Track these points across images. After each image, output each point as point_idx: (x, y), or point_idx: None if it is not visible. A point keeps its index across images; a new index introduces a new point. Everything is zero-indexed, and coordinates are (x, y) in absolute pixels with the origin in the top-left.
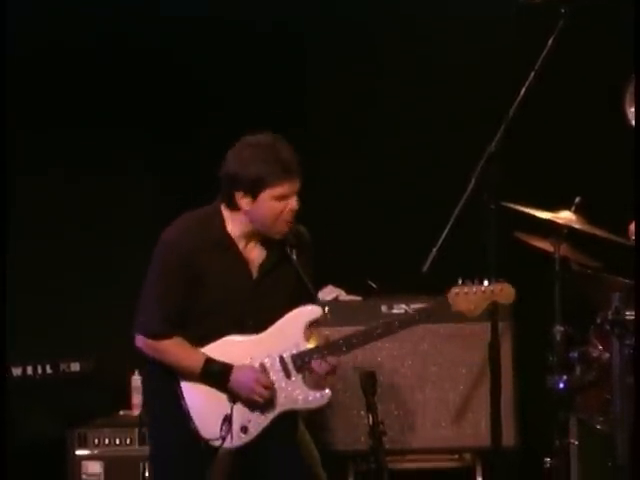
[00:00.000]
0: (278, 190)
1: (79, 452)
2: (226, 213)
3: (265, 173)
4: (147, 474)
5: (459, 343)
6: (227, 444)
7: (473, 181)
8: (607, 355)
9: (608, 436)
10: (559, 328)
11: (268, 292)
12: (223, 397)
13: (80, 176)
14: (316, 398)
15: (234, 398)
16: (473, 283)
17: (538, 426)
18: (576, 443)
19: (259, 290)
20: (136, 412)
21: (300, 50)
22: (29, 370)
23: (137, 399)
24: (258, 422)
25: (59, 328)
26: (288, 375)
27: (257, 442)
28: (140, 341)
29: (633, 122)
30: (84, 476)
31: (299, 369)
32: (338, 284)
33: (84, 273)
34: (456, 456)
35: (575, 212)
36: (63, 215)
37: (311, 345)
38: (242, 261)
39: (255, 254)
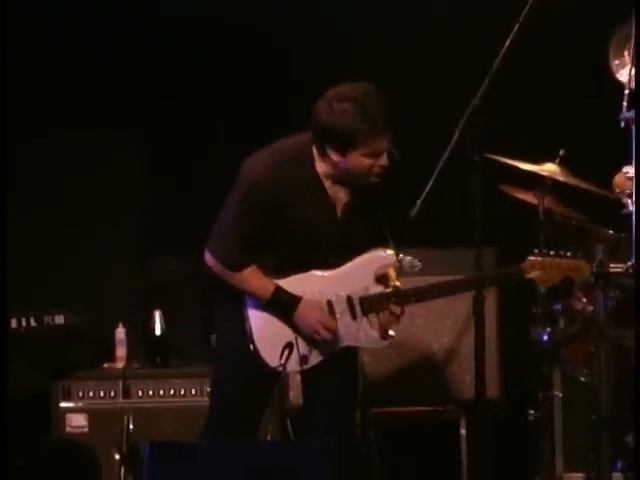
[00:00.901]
0: (367, 149)
1: (63, 405)
2: (316, 152)
3: (353, 132)
4: (131, 426)
5: None
6: (283, 367)
7: (457, 133)
8: (591, 307)
9: (592, 388)
10: None
11: (351, 232)
12: (288, 326)
13: (79, 132)
14: (378, 340)
15: (299, 328)
16: (549, 254)
17: (522, 378)
18: (560, 395)
19: (343, 229)
20: (120, 365)
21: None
22: (13, 323)
23: (121, 352)
24: (318, 354)
25: (44, 281)
26: (354, 316)
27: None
28: (212, 263)
29: (617, 75)
30: (68, 428)
31: (365, 312)
32: None
33: (69, 226)
34: (440, 408)
35: (559, 164)
36: (57, 170)
37: (381, 290)
38: (328, 199)
39: (341, 194)
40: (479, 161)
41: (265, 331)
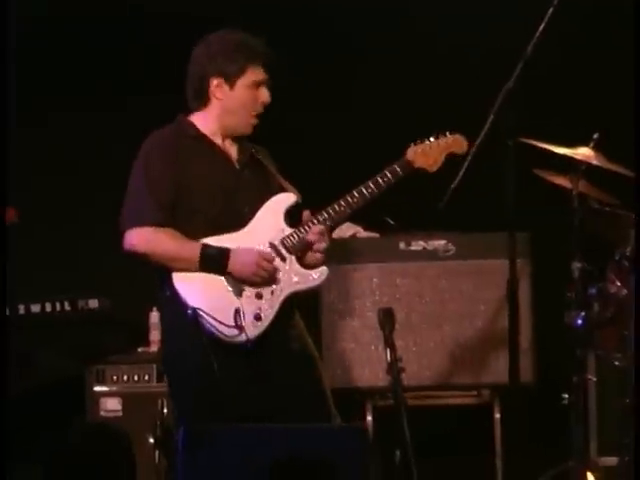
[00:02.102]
0: (252, 76)
1: (97, 388)
2: (192, 118)
3: (241, 58)
4: (165, 410)
5: (477, 280)
6: (246, 336)
7: (491, 118)
8: (625, 291)
9: (626, 372)
10: (577, 264)
11: (252, 183)
12: (228, 291)
13: (94, 111)
14: (314, 277)
15: (238, 289)
16: (423, 141)
17: (556, 362)
18: (594, 379)
19: (244, 180)
20: (154, 348)
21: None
22: (48, 307)
23: (155, 336)
24: (268, 307)
25: (78, 265)
26: (283, 258)
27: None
28: (134, 236)
29: None
30: (102, 412)
31: (290, 251)
32: (356, 221)
33: (103, 210)
34: (474, 393)
35: (593, 148)
36: (81, 151)
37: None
38: (222, 154)
39: (231, 150)
40: (513, 145)
41: (211, 309)
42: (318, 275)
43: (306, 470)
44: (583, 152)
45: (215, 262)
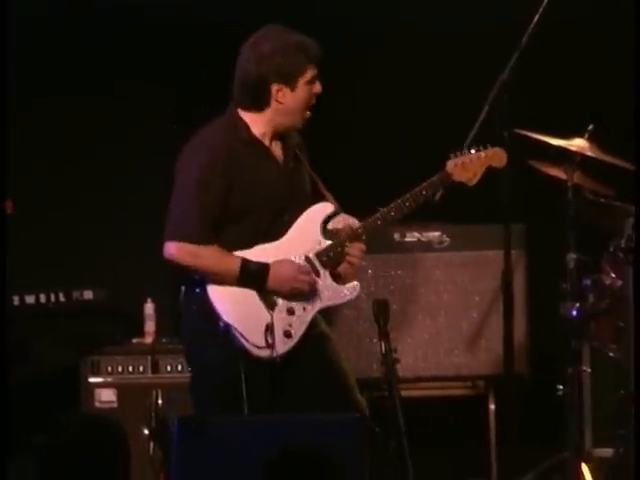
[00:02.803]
0: (310, 74)
1: (92, 379)
2: (246, 117)
3: (296, 59)
4: (160, 401)
5: (472, 271)
6: (275, 352)
7: (486, 109)
8: (620, 282)
9: (621, 363)
10: (572, 256)
11: (296, 189)
12: (260, 307)
13: (93, 101)
14: (346, 293)
15: (271, 303)
16: (463, 153)
17: (551, 354)
18: (589, 371)
19: (290, 186)
20: (149, 340)
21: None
22: (42, 298)
23: (150, 327)
24: (299, 324)
25: (72, 256)
26: (317, 273)
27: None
28: (174, 248)
29: None
30: (97, 403)
31: (325, 265)
32: (350, 212)
33: (98, 201)
34: (469, 383)
35: (588, 139)
36: (78, 141)
37: (333, 240)
38: (271, 157)
39: (277, 151)
40: (507, 136)
41: (242, 322)
42: (350, 292)
43: (302, 460)
44: (578, 143)
45: (255, 278)
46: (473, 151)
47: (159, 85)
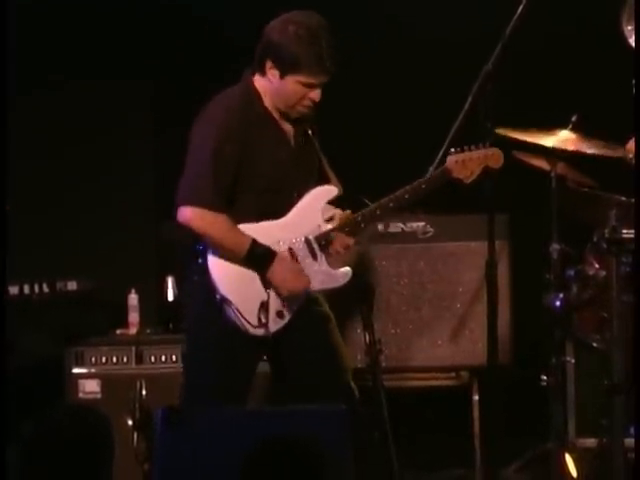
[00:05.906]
0: (305, 79)
1: (76, 370)
2: (259, 86)
3: (300, 59)
4: (144, 392)
5: (456, 262)
6: (267, 331)
7: (470, 100)
8: (603, 273)
9: (604, 354)
10: (556, 246)
11: (303, 167)
12: (258, 285)
13: (79, 95)
14: (339, 277)
15: (268, 284)
16: (463, 150)
17: (535, 344)
18: (572, 361)
19: (299, 160)
20: (133, 331)
21: None
22: (26, 289)
23: (134, 318)
24: (292, 305)
25: (56, 247)
26: (315, 257)
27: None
28: (189, 212)
29: (630, 40)
30: (81, 394)
31: (322, 249)
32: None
33: (82, 191)
34: (453, 374)
35: (572, 130)
36: (62, 133)
37: (332, 225)
38: (282, 132)
39: (287, 127)
40: (491, 127)
41: (239, 297)
42: (343, 277)
43: (286, 451)
44: (561, 134)
45: (259, 262)
46: (472, 147)
47: (137, 79)
